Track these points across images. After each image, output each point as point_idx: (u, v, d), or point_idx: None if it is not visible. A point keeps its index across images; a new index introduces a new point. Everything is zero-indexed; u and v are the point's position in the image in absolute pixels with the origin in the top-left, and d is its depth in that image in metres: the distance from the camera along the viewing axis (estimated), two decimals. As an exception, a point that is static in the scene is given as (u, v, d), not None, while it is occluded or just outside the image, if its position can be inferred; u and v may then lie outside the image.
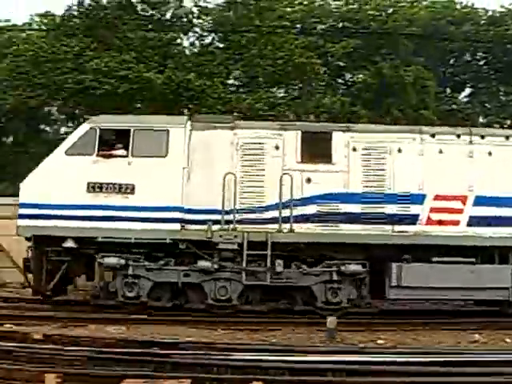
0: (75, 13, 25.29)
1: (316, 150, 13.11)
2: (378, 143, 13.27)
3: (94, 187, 12.96)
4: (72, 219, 12.76)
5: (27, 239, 13.10)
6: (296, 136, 13.18)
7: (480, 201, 12.88)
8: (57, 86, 24.10)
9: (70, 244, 12.79)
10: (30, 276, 13.33)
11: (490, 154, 13.14)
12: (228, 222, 12.85)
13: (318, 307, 12.89)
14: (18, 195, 13.36)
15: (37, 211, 12.85)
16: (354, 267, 12.81)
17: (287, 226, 12.90)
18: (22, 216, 13.02)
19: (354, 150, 13.16)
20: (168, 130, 13.11)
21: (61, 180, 12.91)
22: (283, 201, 12.83)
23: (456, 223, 12.92)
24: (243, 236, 12.74)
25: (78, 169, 12.99)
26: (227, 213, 12.82)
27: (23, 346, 8.60)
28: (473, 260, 12.81)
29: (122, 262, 12.77)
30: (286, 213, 12.87)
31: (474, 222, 12.89)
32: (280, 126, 13.55)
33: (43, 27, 28.10)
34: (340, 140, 13.20)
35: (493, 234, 12.84)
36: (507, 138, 13.34)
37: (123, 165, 13.01)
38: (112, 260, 12.80)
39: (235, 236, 12.79)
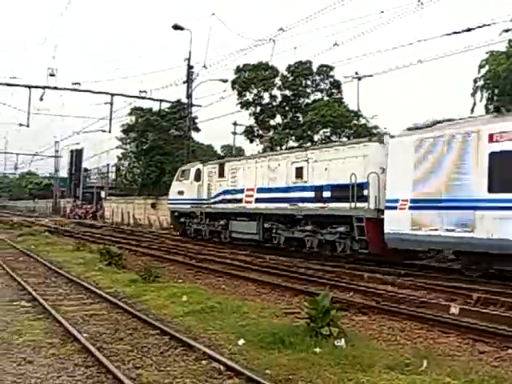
0: None
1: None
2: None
3: (178, 192, 33.34)
4: (174, 204, 34.21)
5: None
6: None
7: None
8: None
9: (176, 213, 34.36)
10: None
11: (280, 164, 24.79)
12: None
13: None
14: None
15: (172, 202, 34.49)
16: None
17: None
18: (169, 203, 35.46)
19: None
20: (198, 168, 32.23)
21: (172, 190, 34.66)
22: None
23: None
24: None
25: (177, 186, 33.77)
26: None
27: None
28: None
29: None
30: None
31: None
32: None
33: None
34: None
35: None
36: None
37: (186, 183, 32.53)
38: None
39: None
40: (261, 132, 52.92)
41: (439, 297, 13.45)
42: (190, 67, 44.53)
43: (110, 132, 48.15)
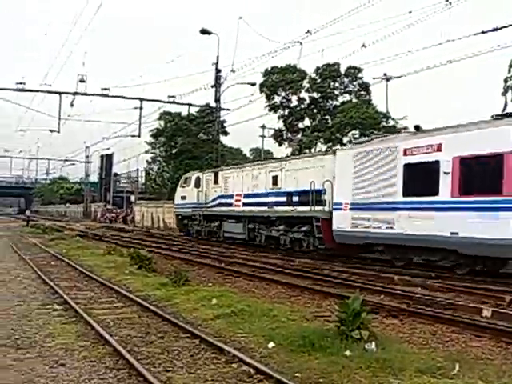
0: None
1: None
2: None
3: (181, 197, 37.81)
4: (178, 208, 38.86)
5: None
6: None
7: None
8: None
9: (180, 216, 38.70)
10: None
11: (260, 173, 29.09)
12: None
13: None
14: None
15: (177, 206, 39.21)
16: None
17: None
18: (174, 207, 40.32)
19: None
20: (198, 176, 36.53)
21: (177, 196, 39.61)
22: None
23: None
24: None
25: (181, 192, 38.33)
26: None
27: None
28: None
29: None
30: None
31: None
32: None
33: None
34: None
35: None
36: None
37: (188, 189, 36.87)
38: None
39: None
40: (289, 135, 52.91)
41: (469, 299, 13.32)
42: (217, 71, 44.69)
43: (139, 137, 48.65)
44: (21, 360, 8.24)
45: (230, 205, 31.35)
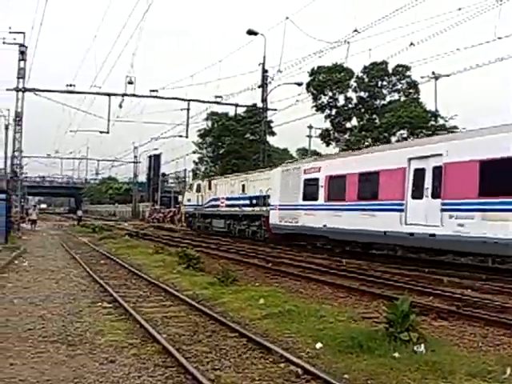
0: None
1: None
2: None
3: (187, 199, 48.40)
4: (185, 208, 49.87)
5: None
6: None
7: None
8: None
9: (187, 215, 49.68)
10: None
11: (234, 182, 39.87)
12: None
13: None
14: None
15: (185, 206, 50.14)
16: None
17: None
18: (183, 207, 52.63)
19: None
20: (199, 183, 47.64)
21: (184, 198, 50.72)
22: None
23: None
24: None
25: (187, 195, 49.32)
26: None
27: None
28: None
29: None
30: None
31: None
32: None
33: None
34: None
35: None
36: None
37: (192, 193, 47.11)
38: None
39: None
40: (336, 135, 52.60)
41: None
42: (264, 71, 44.77)
43: (187, 137, 49.11)
44: (72, 356, 8.39)
45: (217, 206, 41.97)
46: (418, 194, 20.00)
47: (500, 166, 16.88)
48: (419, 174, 20.00)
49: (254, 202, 35.04)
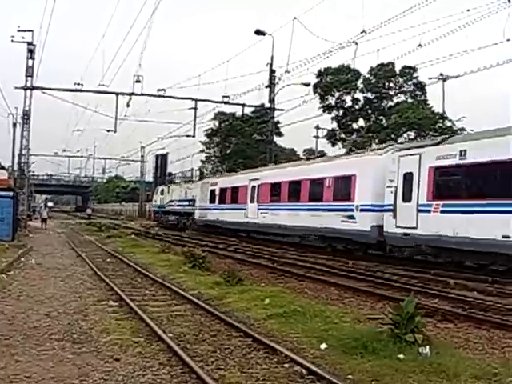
0: None
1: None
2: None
3: (154, 200, 66.01)
4: (153, 207, 67.67)
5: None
6: None
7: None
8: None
9: (155, 211, 66.10)
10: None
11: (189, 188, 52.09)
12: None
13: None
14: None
15: (153, 205, 67.59)
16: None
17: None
18: (152, 206, 70.86)
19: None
20: (163, 188, 63.98)
21: (153, 200, 67.29)
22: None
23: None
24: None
25: (154, 197, 66.26)
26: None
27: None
28: None
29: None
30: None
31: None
32: None
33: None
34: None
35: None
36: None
37: (158, 195, 63.43)
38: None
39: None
40: (343, 135, 52.55)
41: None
42: (272, 72, 44.77)
43: (194, 137, 49.26)
44: (77, 354, 8.42)
45: (172, 206, 55.69)
46: (253, 200, 34.46)
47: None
48: (254, 188, 34.74)
49: (191, 203, 47.91)
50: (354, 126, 52.22)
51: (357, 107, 51.27)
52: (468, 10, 29.82)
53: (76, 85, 42.23)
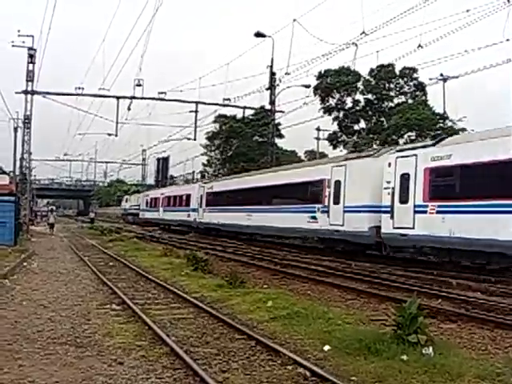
0: None
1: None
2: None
3: (123, 205, 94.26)
4: (122, 210, 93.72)
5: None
6: None
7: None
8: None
9: (123, 213, 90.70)
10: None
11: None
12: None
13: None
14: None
15: (122, 209, 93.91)
16: None
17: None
18: (122, 209, 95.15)
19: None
20: (127, 197, 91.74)
21: (122, 204, 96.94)
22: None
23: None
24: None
25: (123, 201, 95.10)
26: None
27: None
28: None
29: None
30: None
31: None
32: None
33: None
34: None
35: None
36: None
37: (125, 202, 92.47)
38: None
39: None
40: (344, 137, 52.53)
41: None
42: (272, 74, 44.76)
43: (195, 140, 49.32)
44: (80, 358, 8.43)
45: (132, 209, 76.41)
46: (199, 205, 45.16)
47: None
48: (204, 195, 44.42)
49: (139, 207, 69.71)
50: (355, 127, 52.19)
51: (357, 108, 51.23)
52: (467, 11, 29.83)
53: (77, 89, 42.37)
